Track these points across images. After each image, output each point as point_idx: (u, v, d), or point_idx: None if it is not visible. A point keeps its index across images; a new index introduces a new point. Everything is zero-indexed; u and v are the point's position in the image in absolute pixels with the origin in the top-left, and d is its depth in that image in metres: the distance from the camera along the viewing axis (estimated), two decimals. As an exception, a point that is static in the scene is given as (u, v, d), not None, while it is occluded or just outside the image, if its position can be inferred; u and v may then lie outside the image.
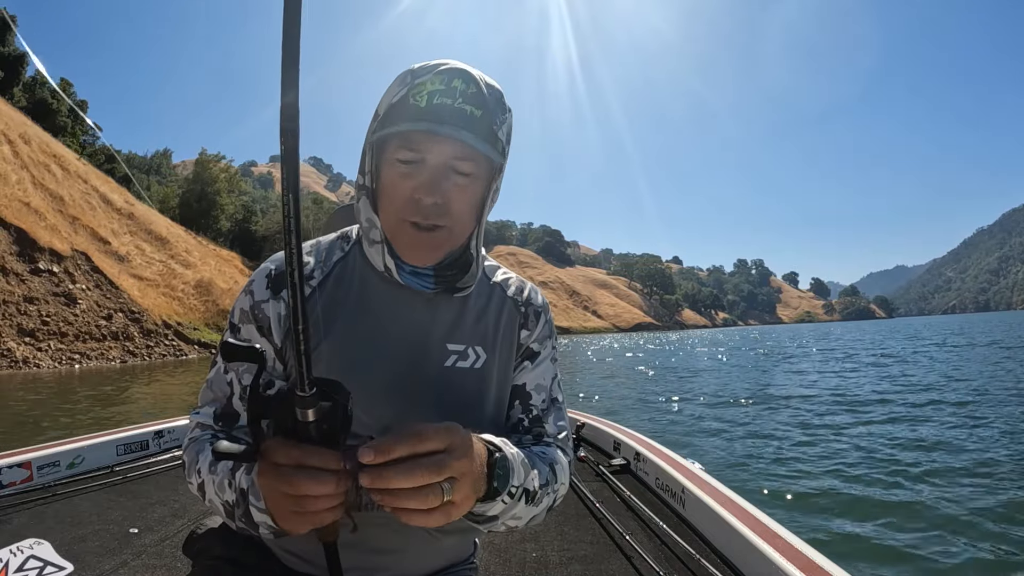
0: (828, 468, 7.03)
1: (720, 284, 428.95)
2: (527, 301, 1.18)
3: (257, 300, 1.03)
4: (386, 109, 0.98)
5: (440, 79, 0.95)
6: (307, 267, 1.05)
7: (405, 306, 1.06)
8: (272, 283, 1.04)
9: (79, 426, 10.45)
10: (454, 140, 0.94)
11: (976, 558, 4.40)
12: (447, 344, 1.06)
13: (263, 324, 1.03)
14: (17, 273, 29.22)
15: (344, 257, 1.09)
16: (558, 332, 1.23)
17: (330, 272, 1.07)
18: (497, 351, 1.11)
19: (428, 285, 1.05)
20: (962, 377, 16.16)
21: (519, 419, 1.13)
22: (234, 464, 0.90)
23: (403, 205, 0.98)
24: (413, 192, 0.97)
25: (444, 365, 1.05)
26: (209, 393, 1.04)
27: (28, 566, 2.33)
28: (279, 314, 1.03)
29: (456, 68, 0.96)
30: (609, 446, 3.85)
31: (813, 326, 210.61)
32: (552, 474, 1.02)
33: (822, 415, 10.92)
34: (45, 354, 26.89)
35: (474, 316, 1.11)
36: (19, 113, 45.11)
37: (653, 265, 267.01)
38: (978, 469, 6.73)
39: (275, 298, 1.03)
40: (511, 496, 0.87)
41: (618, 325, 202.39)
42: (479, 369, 1.08)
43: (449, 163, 0.97)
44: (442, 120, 0.93)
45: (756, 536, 2.08)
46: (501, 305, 1.15)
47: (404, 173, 0.97)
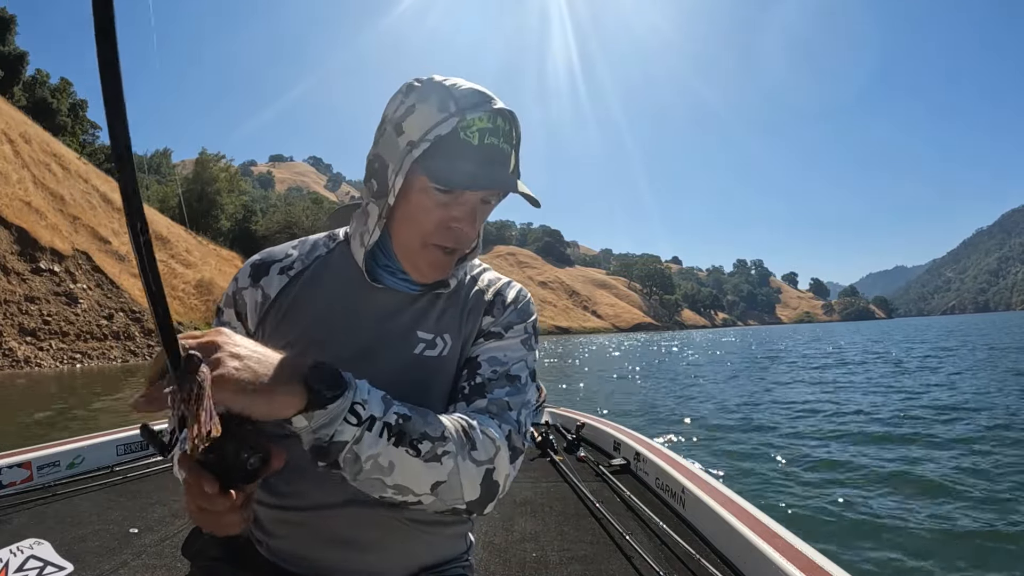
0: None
1: (719, 284, 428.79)
2: (497, 292, 1.18)
3: (240, 287, 1.10)
4: (430, 136, 0.96)
5: (489, 119, 0.97)
6: (289, 259, 1.13)
7: (380, 297, 1.09)
8: (253, 271, 1.11)
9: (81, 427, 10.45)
10: (493, 180, 0.97)
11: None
12: (417, 332, 1.08)
13: (241, 310, 1.09)
14: (18, 273, 29.24)
15: (328, 254, 1.14)
16: (557, 332, 1.24)
17: (309, 266, 1.12)
18: (460, 338, 1.11)
19: (414, 288, 1.09)
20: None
21: (460, 387, 1.06)
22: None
23: (434, 230, 1.01)
24: (451, 221, 1.00)
25: (413, 352, 1.07)
26: None
27: (28, 566, 2.33)
28: (256, 301, 1.09)
29: (501, 108, 0.99)
30: (609, 446, 3.85)
31: (814, 326, 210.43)
32: (459, 435, 0.91)
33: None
34: (46, 354, 26.91)
35: (445, 307, 1.12)
36: (19, 112, 45.12)
37: (652, 265, 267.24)
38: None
39: (254, 286, 1.09)
40: (359, 422, 0.81)
41: (617, 325, 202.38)
42: (445, 357, 1.09)
43: (485, 196, 1.01)
44: (493, 162, 0.98)
45: (756, 536, 2.08)
46: (469, 295, 1.16)
47: (442, 203, 0.99)
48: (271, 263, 1.12)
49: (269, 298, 1.08)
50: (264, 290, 1.09)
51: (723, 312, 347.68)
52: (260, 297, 1.09)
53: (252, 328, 1.08)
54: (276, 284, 1.09)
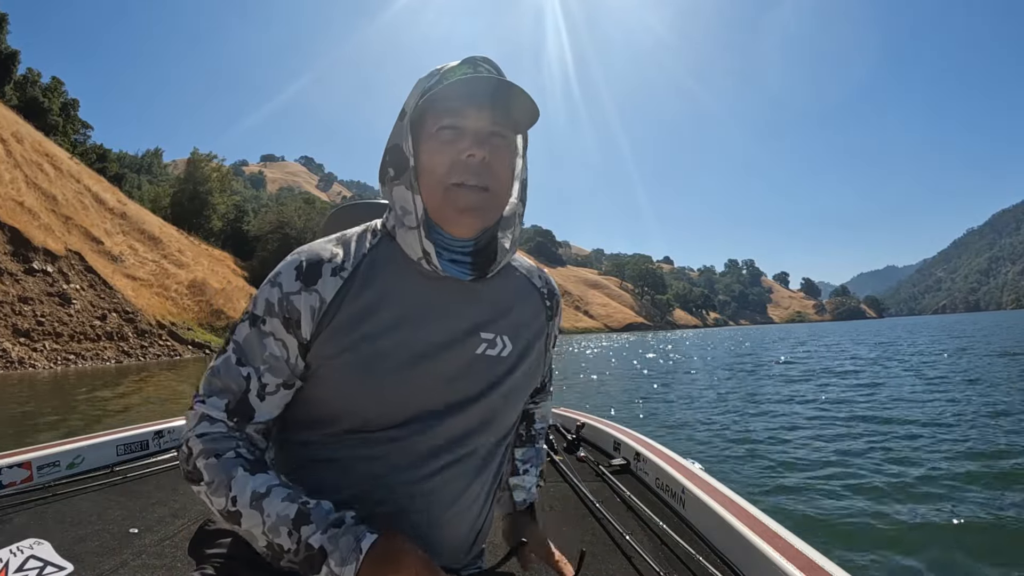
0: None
1: (711, 284, 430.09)
2: (551, 292, 1.25)
3: (287, 292, 1.00)
4: (419, 99, 1.01)
5: (467, 64, 1.02)
6: (337, 258, 1.03)
7: (442, 294, 1.06)
8: (304, 275, 1.01)
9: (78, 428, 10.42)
10: (492, 104, 1.00)
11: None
12: (480, 333, 1.08)
13: (292, 317, 0.99)
14: (11, 273, 29.10)
15: (373, 250, 1.07)
16: None
17: (360, 263, 1.05)
18: (523, 341, 1.14)
19: (465, 272, 1.06)
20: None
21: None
22: (297, 517, 0.90)
23: (449, 169, 1.00)
24: (459, 153, 0.99)
25: (475, 352, 1.06)
26: (217, 382, 1.00)
27: (28, 566, 2.32)
28: (312, 307, 0.99)
29: (479, 55, 1.04)
30: (609, 446, 3.85)
31: (807, 326, 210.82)
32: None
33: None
34: (40, 354, 26.78)
35: (507, 307, 1.13)
36: (11, 112, 44.87)
37: (644, 265, 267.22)
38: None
39: (307, 290, 1.00)
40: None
41: (610, 325, 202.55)
42: (504, 358, 1.10)
43: (489, 127, 1.01)
44: (478, 88, 0.99)
45: (756, 536, 2.09)
46: (529, 297, 1.19)
47: (447, 140, 1.00)
48: (321, 264, 1.02)
49: (326, 302, 1.00)
50: (320, 294, 1.00)
51: (715, 312, 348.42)
52: (316, 302, 0.99)
53: (308, 337, 1.00)
54: (331, 287, 1.01)
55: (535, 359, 1.19)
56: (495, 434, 1.13)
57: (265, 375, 1.00)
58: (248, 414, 1.01)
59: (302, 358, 1.02)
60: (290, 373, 1.02)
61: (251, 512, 0.91)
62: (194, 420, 1.00)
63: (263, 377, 1.00)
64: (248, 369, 1.00)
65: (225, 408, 0.99)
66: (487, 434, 1.11)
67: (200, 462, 0.96)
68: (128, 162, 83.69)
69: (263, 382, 1.00)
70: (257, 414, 1.01)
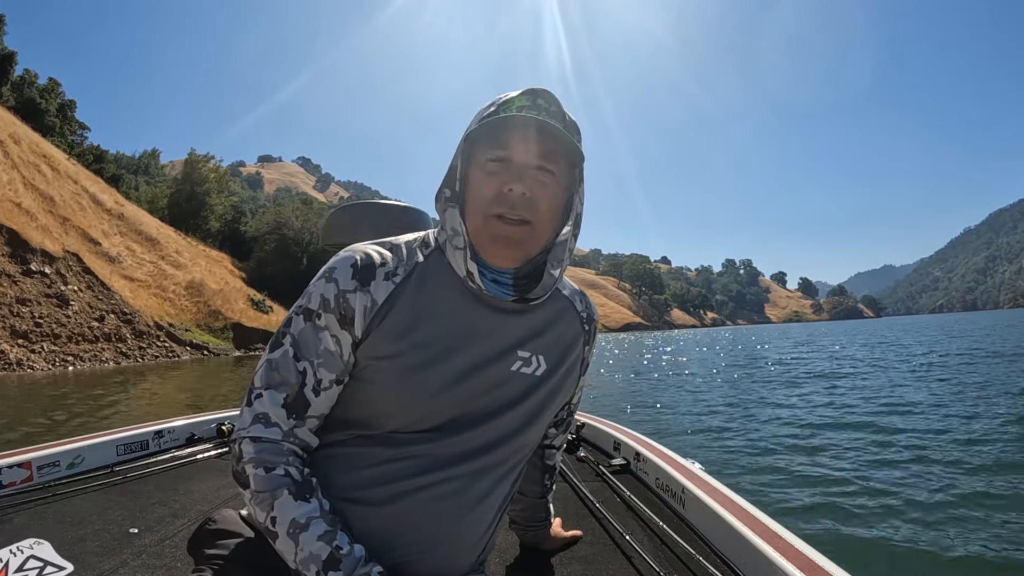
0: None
1: (709, 284, 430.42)
2: (590, 318, 1.30)
3: (343, 289, 1.03)
4: (475, 125, 1.05)
5: (526, 96, 1.06)
6: (389, 263, 1.07)
7: (484, 309, 1.10)
8: (360, 274, 1.04)
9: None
10: (539, 141, 1.03)
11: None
12: (518, 350, 1.11)
13: (347, 314, 1.03)
14: (9, 275, 29.01)
15: (426, 260, 1.11)
16: None
17: (412, 272, 1.09)
18: (558, 363, 1.18)
19: (507, 292, 1.09)
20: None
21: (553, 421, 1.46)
22: (328, 561, 0.94)
23: (491, 200, 1.03)
24: (501, 185, 1.03)
25: (511, 369, 1.10)
26: (275, 375, 1.03)
27: (28, 566, 2.32)
28: (365, 306, 1.03)
29: (539, 88, 1.07)
30: (609, 446, 3.85)
31: (805, 326, 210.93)
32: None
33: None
34: (39, 356, 26.70)
35: (546, 328, 1.16)
36: (8, 113, 44.77)
37: (642, 265, 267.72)
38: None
39: (362, 290, 1.03)
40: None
41: (607, 325, 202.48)
42: (539, 377, 1.13)
43: (535, 162, 1.04)
44: (528, 124, 1.02)
45: (756, 536, 2.09)
46: (571, 321, 1.23)
47: (492, 171, 1.04)
48: (375, 266, 1.06)
49: (377, 304, 1.04)
50: (372, 295, 1.04)
51: (713, 312, 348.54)
52: (369, 302, 1.03)
53: (360, 335, 1.04)
54: (383, 290, 1.05)
55: (566, 381, 1.22)
56: (516, 449, 1.16)
57: (320, 370, 1.03)
58: (304, 409, 1.03)
59: (353, 354, 1.05)
60: (343, 369, 1.04)
61: (287, 540, 0.95)
62: (249, 418, 1.02)
63: (318, 372, 1.03)
64: (304, 363, 1.03)
65: (284, 403, 1.02)
66: (508, 448, 1.13)
67: (250, 469, 0.99)
68: (125, 163, 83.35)
69: (318, 377, 1.03)
70: (312, 408, 1.03)
